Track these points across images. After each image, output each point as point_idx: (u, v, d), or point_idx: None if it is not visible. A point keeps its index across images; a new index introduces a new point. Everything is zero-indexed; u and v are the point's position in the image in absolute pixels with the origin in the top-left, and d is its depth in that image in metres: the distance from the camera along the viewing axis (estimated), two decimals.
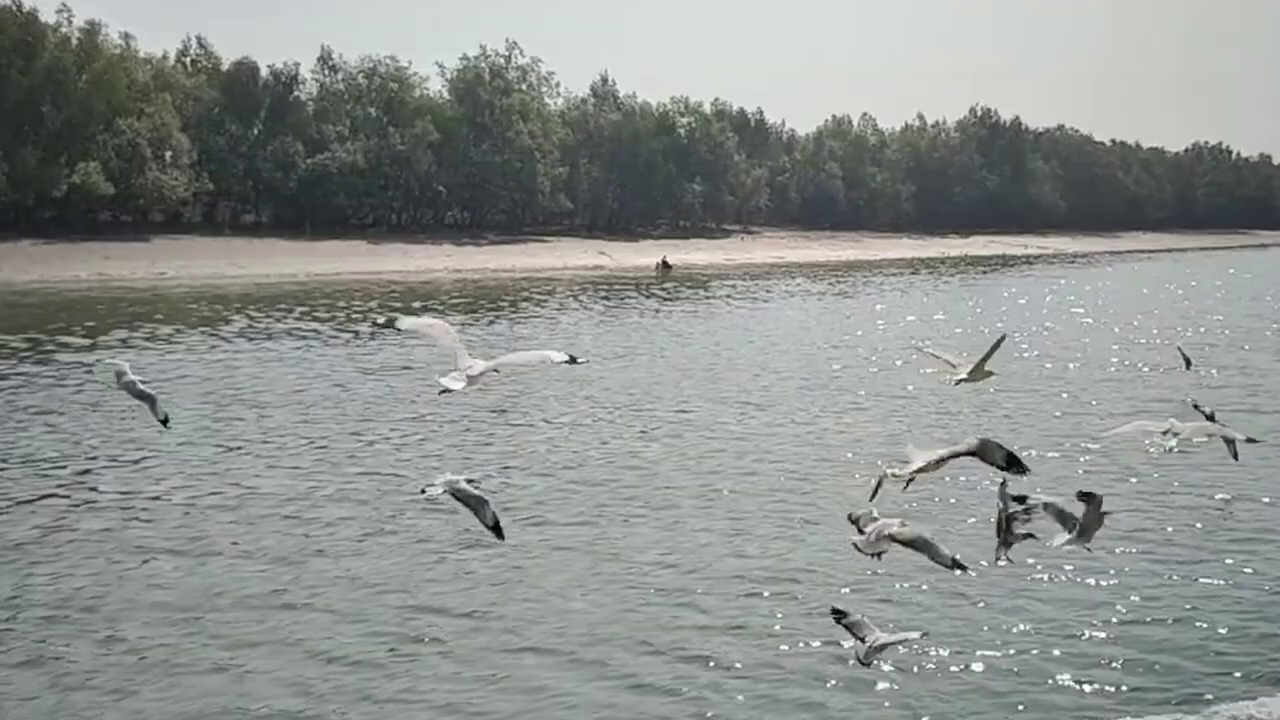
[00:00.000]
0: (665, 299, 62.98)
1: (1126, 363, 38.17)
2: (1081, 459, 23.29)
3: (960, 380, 8.90)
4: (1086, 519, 8.06)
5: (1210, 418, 11.22)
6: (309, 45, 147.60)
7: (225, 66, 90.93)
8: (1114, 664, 13.90)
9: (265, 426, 26.06)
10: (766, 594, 16.09)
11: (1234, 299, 67.31)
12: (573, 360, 7.53)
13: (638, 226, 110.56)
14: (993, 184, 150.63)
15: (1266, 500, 20.63)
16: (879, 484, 8.38)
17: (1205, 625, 14.95)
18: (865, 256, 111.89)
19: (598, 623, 15.05)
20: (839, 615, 8.87)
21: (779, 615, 15.38)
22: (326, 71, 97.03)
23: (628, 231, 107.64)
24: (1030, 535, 8.49)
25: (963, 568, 7.69)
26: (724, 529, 18.87)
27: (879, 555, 8.08)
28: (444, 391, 7.50)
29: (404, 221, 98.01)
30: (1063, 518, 8.21)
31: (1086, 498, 8.05)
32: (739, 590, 16.24)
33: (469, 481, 7.97)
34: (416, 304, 55.98)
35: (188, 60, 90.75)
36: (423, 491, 8.03)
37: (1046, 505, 8.29)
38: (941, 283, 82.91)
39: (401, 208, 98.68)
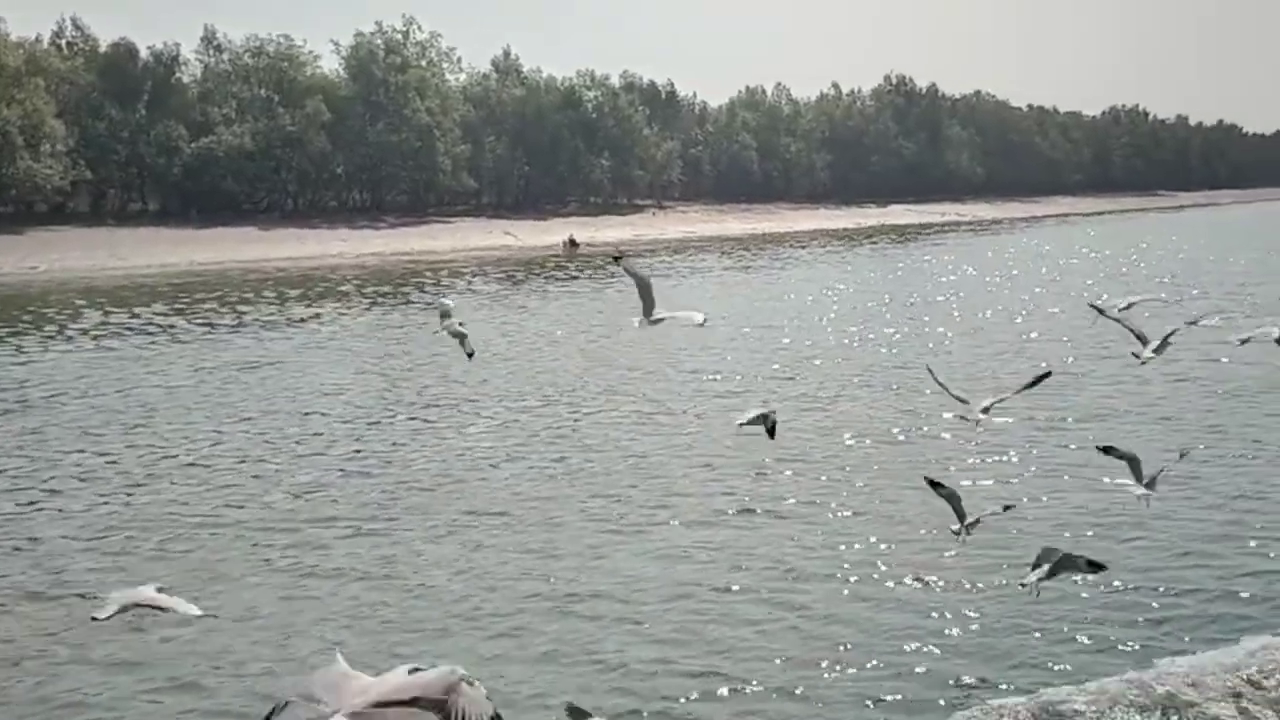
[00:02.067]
0: (561, 280, 60.79)
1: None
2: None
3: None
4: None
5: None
6: (196, 25, 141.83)
7: (103, 49, 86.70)
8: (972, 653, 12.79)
9: (58, 435, 23.61)
10: (558, 616, 14.19)
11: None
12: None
13: (546, 204, 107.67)
14: (909, 152, 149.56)
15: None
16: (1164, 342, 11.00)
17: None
18: (780, 229, 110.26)
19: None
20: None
21: (572, 640, 13.48)
22: (211, 52, 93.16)
23: (536, 210, 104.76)
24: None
25: None
26: (534, 543, 16.86)
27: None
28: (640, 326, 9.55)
29: (301, 205, 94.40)
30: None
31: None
32: (532, 613, 14.31)
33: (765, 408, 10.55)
34: (293, 291, 53.33)
35: (63, 43, 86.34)
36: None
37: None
38: (851, 254, 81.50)
39: (297, 191, 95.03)
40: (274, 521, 17.94)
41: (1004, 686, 12.15)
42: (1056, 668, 12.59)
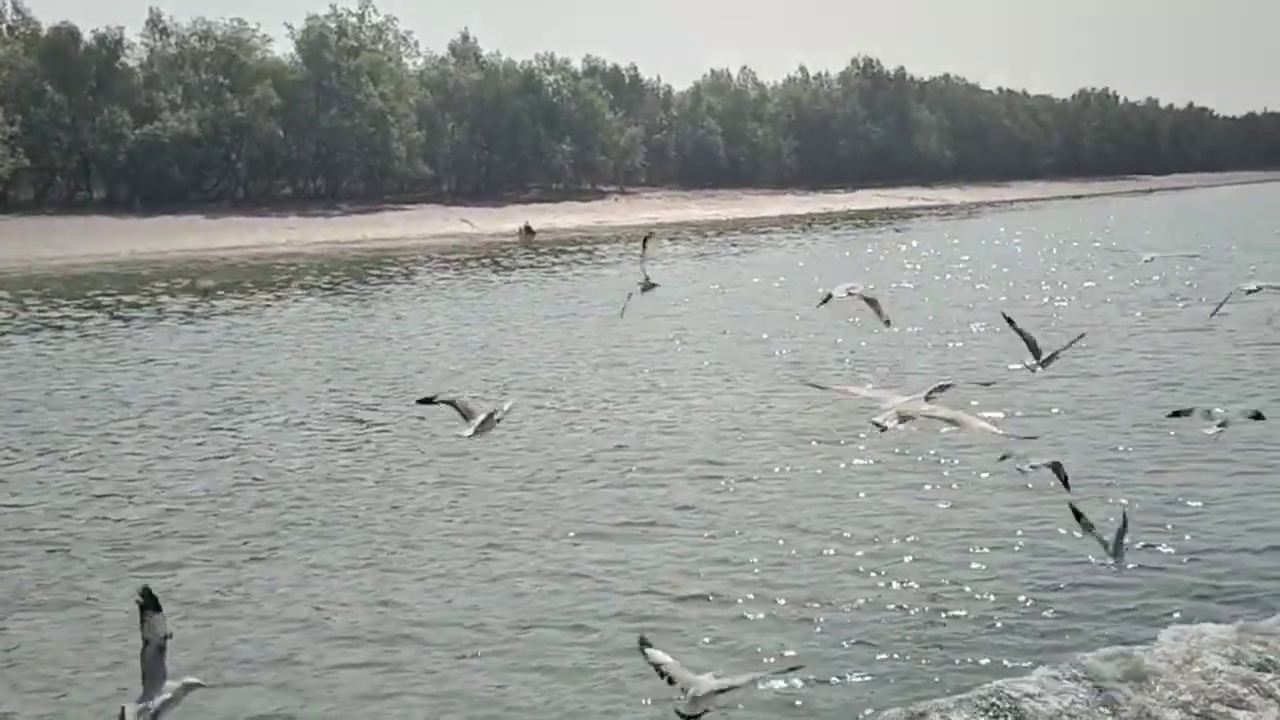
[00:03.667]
0: (506, 269, 59.27)
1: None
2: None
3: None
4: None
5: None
6: (141, 8, 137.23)
7: (44, 32, 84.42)
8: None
9: None
10: (398, 644, 12.84)
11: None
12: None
13: (506, 191, 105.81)
14: (877, 136, 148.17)
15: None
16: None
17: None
18: (745, 215, 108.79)
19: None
20: None
21: (407, 673, 12.14)
22: (156, 35, 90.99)
23: (495, 197, 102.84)
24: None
25: None
26: (386, 564, 15.45)
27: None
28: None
29: (252, 193, 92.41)
30: None
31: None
32: (369, 644, 12.96)
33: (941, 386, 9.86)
34: (228, 281, 51.59)
35: (2, 27, 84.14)
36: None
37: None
38: (809, 240, 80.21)
39: (248, 179, 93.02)
40: (119, 541, 16.41)
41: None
42: (930, 693, 11.51)
